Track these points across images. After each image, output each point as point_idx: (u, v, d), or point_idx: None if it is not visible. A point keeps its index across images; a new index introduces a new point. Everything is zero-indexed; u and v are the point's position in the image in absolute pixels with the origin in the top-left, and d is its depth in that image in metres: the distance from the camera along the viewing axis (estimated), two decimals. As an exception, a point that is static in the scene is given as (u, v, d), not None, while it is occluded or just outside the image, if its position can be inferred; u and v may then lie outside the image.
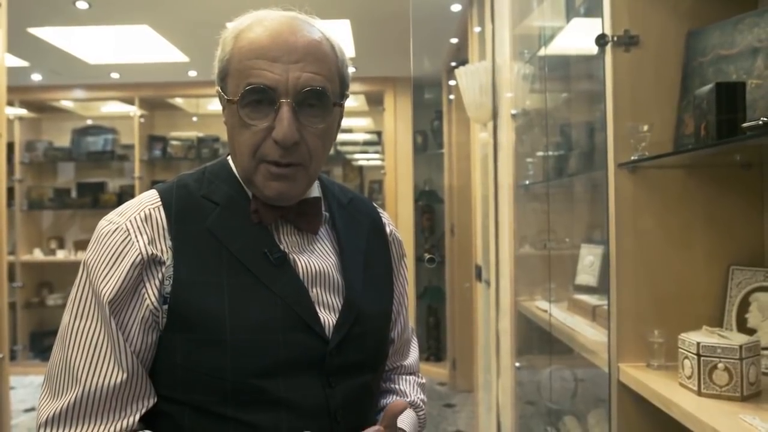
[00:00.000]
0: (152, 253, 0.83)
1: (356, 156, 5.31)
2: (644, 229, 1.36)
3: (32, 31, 3.58)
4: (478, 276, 3.24)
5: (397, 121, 4.98)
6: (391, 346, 1.05)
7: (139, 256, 0.82)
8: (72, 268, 4.83)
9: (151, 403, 0.84)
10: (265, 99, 0.83)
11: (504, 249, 2.46)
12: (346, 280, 0.92)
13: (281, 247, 0.89)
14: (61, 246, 5.25)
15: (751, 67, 1.19)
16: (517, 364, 2.34)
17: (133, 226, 0.84)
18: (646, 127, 1.30)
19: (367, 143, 5.30)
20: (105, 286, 0.81)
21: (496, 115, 2.64)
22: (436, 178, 4.89)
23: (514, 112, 2.37)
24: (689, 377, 1.16)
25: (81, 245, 5.15)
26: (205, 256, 0.85)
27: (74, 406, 0.80)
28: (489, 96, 2.66)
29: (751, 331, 1.27)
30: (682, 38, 1.36)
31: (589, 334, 1.69)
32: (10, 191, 4.86)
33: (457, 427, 3.78)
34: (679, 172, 1.36)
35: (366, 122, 5.60)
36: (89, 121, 5.43)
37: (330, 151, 0.94)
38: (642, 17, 1.36)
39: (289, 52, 0.82)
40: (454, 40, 3.85)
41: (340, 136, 1.11)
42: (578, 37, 1.90)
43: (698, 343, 1.13)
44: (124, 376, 0.81)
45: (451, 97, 4.40)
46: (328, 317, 0.88)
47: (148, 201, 0.88)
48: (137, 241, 0.83)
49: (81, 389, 0.80)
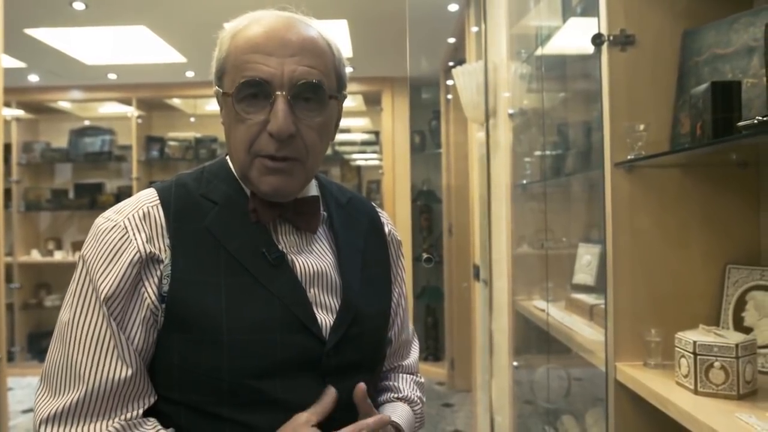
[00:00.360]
0: (150, 252, 0.82)
1: (354, 156, 5.30)
2: (641, 229, 1.36)
3: (29, 32, 3.57)
4: (476, 276, 3.24)
5: (395, 120, 4.98)
6: (389, 347, 1.04)
7: (137, 254, 0.81)
8: (70, 269, 4.75)
9: (152, 402, 0.83)
10: (261, 93, 0.83)
11: (501, 248, 2.47)
12: (344, 280, 0.92)
13: (279, 247, 0.88)
14: (59, 247, 5.25)
15: (747, 66, 1.19)
16: (515, 364, 2.34)
17: (131, 224, 0.83)
18: (642, 127, 1.30)
19: (364, 143, 5.30)
20: (103, 283, 0.80)
21: (489, 115, 2.64)
22: (434, 178, 4.89)
23: (511, 111, 2.37)
24: (686, 376, 1.16)
25: (78, 246, 5.14)
26: (203, 256, 0.84)
27: (77, 404, 0.79)
28: (486, 96, 2.66)
29: (747, 330, 1.27)
30: (678, 37, 1.36)
31: (587, 333, 1.70)
32: (8, 192, 4.87)
33: (455, 426, 3.79)
34: (676, 171, 1.36)
35: (364, 122, 5.60)
36: (86, 122, 5.42)
37: (328, 150, 0.94)
38: (638, 17, 1.36)
39: (284, 47, 0.83)
40: (452, 40, 3.86)
41: (337, 137, 1.10)
42: (575, 37, 1.90)
43: (695, 342, 1.13)
44: (129, 372, 0.80)
45: (449, 96, 4.40)
46: (325, 318, 0.88)
47: (146, 199, 0.87)
48: (135, 239, 0.82)
49: (84, 387, 0.79)
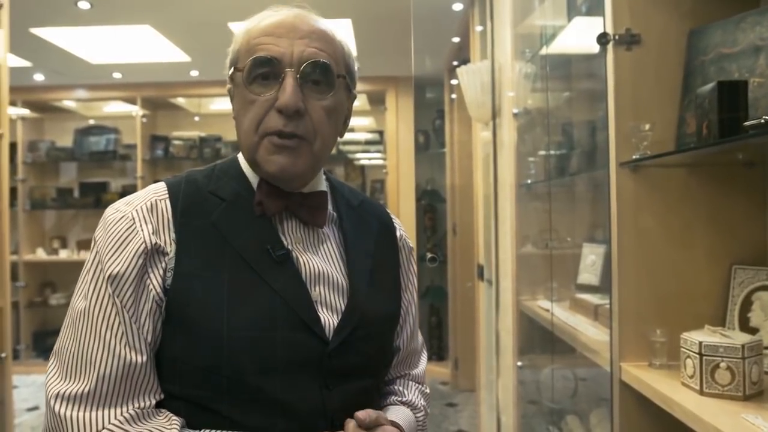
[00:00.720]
0: (156, 243, 0.83)
1: (358, 155, 5.30)
2: (646, 228, 1.36)
3: (34, 31, 3.58)
4: (480, 275, 3.24)
5: (399, 120, 4.98)
6: (397, 355, 1.03)
7: (143, 245, 0.82)
8: (75, 267, 4.86)
9: (161, 397, 0.83)
10: (271, 73, 0.84)
11: (506, 248, 2.46)
12: (351, 282, 0.91)
13: (285, 243, 0.88)
14: (64, 246, 5.26)
15: (753, 65, 1.19)
16: (519, 364, 2.34)
17: (139, 215, 0.84)
18: (647, 126, 1.30)
19: (369, 143, 5.29)
20: (112, 267, 0.80)
21: (495, 114, 2.64)
22: (438, 178, 4.89)
23: (515, 111, 2.37)
24: (691, 376, 1.15)
25: (84, 245, 5.16)
26: (208, 251, 0.84)
27: (89, 392, 0.79)
28: (490, 95, 2.65)
29: (753, 331, 1.27)
30: (683, 37, 1.36)
31: (591, 333, 1.69)
32: (13, 191, 4.89)
33: (459, 426, 3.78)
34: (681, 171, 1.36)
35: (368, 122, 5.59)
36: (91, 121, 5.44)
37: (336, 140, 0.94)
38: (643, 16, 1.35)
39: (294, 30, 0.86)
40: (456, 39, 3.85)
41: (341, 136, 1.10)
42: (580, 36, 1.89)
43: (700, 343, 1.13)
44: (140, 359, 0.80)
45: (453, 96, 4.40)
46: (330, 318, 0.87)
47: (155, 192, 0.88)
48: (142, 230, 0.83)
49: (96, 375, 0.79)
